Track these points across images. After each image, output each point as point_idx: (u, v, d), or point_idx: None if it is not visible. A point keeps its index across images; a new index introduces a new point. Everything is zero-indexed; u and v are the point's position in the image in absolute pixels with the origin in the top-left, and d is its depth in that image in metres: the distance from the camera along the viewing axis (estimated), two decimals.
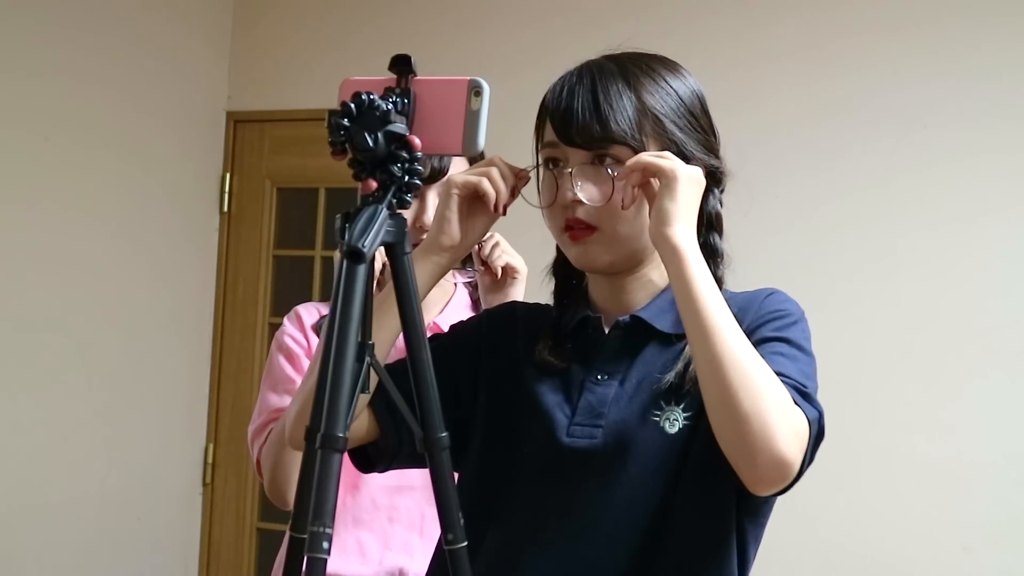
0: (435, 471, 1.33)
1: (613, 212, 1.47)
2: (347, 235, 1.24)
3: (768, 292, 1.54)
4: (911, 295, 3.42)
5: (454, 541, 1.33)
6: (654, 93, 1.49)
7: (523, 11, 3.92)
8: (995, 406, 3.33)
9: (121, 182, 3.91)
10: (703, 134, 1.53)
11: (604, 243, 1.49)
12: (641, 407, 1.48)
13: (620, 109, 1.47)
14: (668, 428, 1.46)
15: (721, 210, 1.56)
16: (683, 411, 1.47)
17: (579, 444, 1.48)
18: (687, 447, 1.45)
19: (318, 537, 1.15)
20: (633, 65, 1.52)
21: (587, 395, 1.51)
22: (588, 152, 1.48)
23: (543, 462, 1.51)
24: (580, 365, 1.54)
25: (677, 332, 1.49)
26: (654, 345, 1.52)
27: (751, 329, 1.46)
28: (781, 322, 1.49)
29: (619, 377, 1.51)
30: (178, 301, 4.16)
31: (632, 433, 1.47)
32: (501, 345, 1.60)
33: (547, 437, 1.50)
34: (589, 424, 1.49)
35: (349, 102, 1.27)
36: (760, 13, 3.63)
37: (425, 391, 1.33)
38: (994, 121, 3.38)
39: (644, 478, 1.46)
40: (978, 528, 3.32)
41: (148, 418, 4.03)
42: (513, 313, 1.68)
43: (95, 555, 3.84)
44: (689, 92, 1.53)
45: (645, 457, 1.46)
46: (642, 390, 1.49)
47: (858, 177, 3.47)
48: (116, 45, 3.87)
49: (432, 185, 2.02)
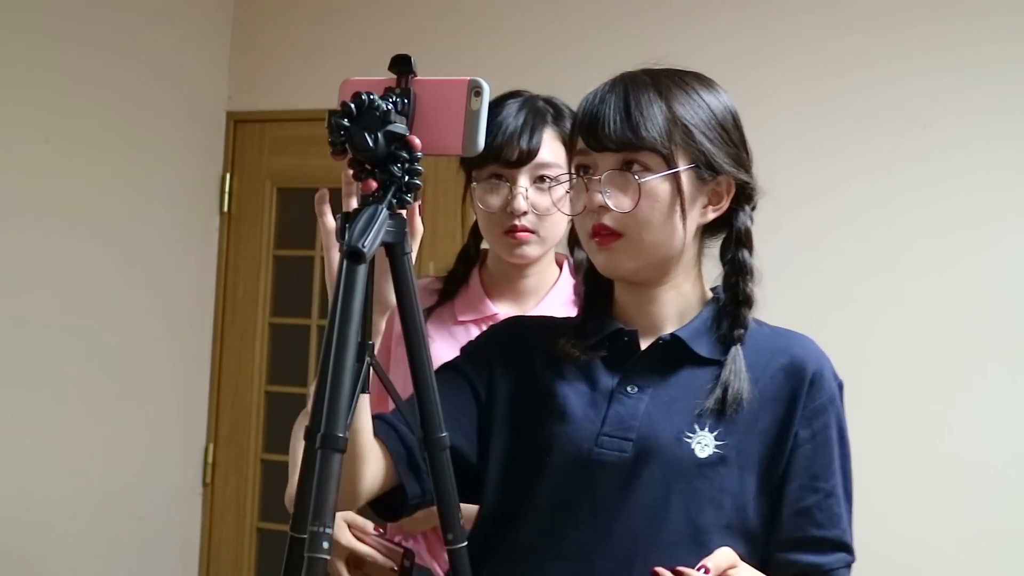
0: (435, 471, 1.33)
1: (640, 219, 1.48)
2: (347, 235, 1.25)
3: (815, 365, 1.53)
4: (911, 294, 3.42)
5: (454, 541, 1.33)
6: (685, 104, 1.51)
7: (524, 13, 3.92)
8: (995, 406, 3.33)
9: (121, 182, 3.91)
10: (734, 148, 1.54)
11: (629, 249, 1.50)
12: (674, 427, 1.49)
13: (650, 116, 1.48)
14: (699, 452, 1.47)
15: (751, 226, 1.57)
16: (716, 438, 1.48)
17: (608, 456, 1.49)
18: (714, 473, 1.47)
19: (318, 537, 1.15)
20: (666, 77, 1.53)
21: (617, 406, 1.51)
22: (617, 157, 1.49)
23: (568, 471, 1.50)
24: (610, 375, 1.54)
25: (713, 356, 1.52)
26: (690, 367, 1.53)
27: (800, 419, 1.50)
28: (833, 449, 1.52)
29: (651, 392, 1.52)
30: (178, 301, 4.16)
31: (662, 451, 1.48)
32: (514, 357, 1.60)
33: (575, 446, 1.50)
34: (619, 436, 1.49)
35: (349, 102, 1.27)
36: (760, 13, 3.63)
37: (425, 391, 1.33)
38: (994, 119, 3.38)
39: (667, 497, 1.47)
40: (978, 528, 3.32)
41: (148, 418, 4.03)
42: (520, 324, 1.70)
43: (95, 555, 3.84)
44: (722, 107, 1.54)
45: (671, 476, 1.47)
46: (675, 410, 1.50)
47: (857, 176, 3.47)
48: (116, 46, 3.86)
49: (521, 169, 2.02)
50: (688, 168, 1.49)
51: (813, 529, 1.50)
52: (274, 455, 4.19)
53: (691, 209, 1.51)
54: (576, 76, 3.66)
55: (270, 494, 4.19)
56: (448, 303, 2.14)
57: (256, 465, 4.21)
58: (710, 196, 1.53)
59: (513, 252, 2.06)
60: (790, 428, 1.50)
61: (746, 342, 1.52)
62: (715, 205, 1.54)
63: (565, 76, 3.76)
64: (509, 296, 2.12)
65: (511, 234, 2.03)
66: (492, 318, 2.09)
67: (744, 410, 1.48)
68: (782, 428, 1.50)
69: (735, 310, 1.53)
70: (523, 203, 2.01)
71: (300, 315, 4.23)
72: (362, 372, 1.26)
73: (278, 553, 1.29)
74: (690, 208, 1.50)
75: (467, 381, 1.58)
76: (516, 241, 2.04)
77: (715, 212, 1.54)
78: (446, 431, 1.37)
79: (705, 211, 1.53)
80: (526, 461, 1.54)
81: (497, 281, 2.14)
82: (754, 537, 1.50)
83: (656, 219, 1.48)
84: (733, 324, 1.52)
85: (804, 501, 1.49)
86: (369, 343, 1.28)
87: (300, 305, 4.24)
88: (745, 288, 1.53)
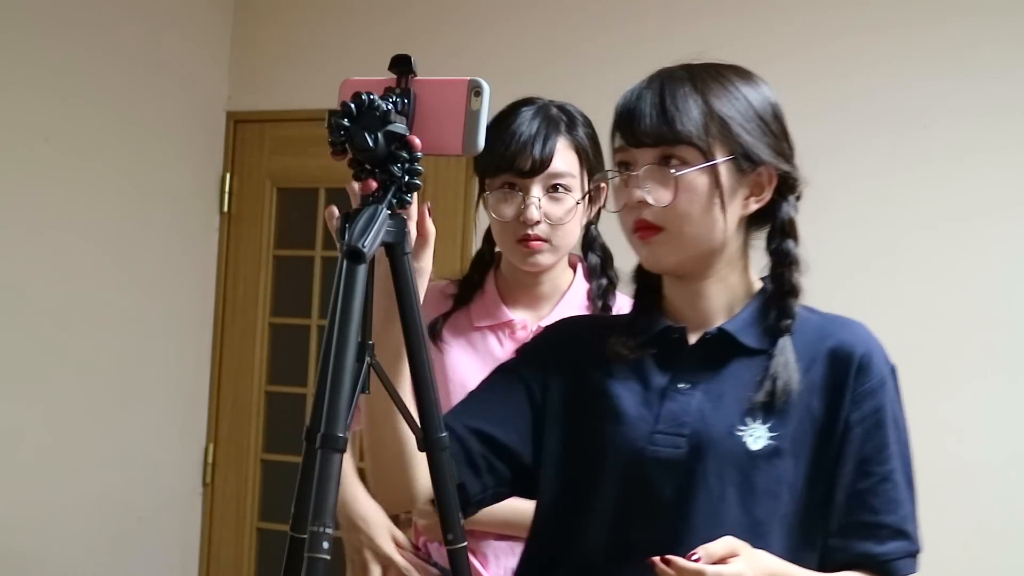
0: (435, 471, 1.33)
1: (679, 213, 1.48)
2: (347, 235, 1.24)
3: (863, 348, 1.54)
4: (911, 294, 3.42)
5: (454, 541, 1.33)
6: (722, 97, 1.51)
7: (524, 13, 3.92)
8: (995, 406, 3.33)
9: (121, 182, 3.91)
10: (775, 139, 1.54)
11: (671, 243, 1.50)
12: (726, 420, 1.49)
13: (686, 110, 1.48)
14: (751, 444, 1.48)
15: (796, 216, 1.57)
16: (769, 430, 1.48)
17: (663, 453, 1.49)
18: (768, 465, 1.47)
19: (318, 537, 1.15)
20: (703, 71, 1.53)
21: (669, 403, 1.52)
22: (654, 152, 1.49)
23: (626, 471, 1.51)
24: (662, 373, 1.54)
25: (762, 347, 1.52)
26: (740, 359, 1.53)
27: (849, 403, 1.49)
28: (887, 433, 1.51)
29: (702, 387, 1.52)
30: (178, 301, 4.16)
31: (716, 445, 1.48)
32: (567, 358, 1.61)
33: (630, 445, 1.51)
34: (673, 433, 1.50)
35: (349, 102, 1.27)
36: (760, 13, 3.63)
37: (425, 391, 1.33)
38: (994, 119, 3.38)
39: (724, 490, 1.47)
40: (978, 528, 3.32)
41: (148, 418, 4.03)
42: (575, 325, 1.71)
43: (95, 555, 3.84)
44: (761, 99, 1.55)
45: (726, 470, 1.48)
46: (727, 403, 1.50)
47: (857, 176, 3.46)
48: (116, 46, 3.86)
49: (534, 178, 2.03)
50: (726, 160, 1.49)
51: (868, 515, 1.48)
52: (274, 455, 4.19)
53: (731, 201, 1.51)
54: (576, 76, 3.70)
55: (270, 494, 4.19)
56: (464, 309, 2.15)
57: (256, 465, 4.21)
58: (751, 187, 1.53)
59: (526, 260, 2.07)
60: (840, 413, 1.50)
61: (795, 331, 1.52)
62: (757, 196, 1.54)
63: (565, 76, 3.77)
64: (524, 302, 2.14)
65: (524, 243, 2.04)
66: (508, 324, 2.11)
67: (794, 399, 1.48)
68: (832, 414, 1.50)
69: (782, 301, 1.53)
70: (535, 213, 2.02)
71: (300, 315, 4.23)
72: (362, 372, 1.26)
73: (278, 553, 1.29)
74: (730, 200, 1.50)
75: (522, 383, 1.60)
76: (529, 250, 2.05)
77: (757, 203, 1.54)
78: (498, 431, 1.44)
79: (747, 203, 1.53)
80: (583, 462, 1.55)
81: (512, 287, 2.15)
82: (813, 527, 1.49)
83: (696, 212, 1.49)
84: (781, 314, 1.52)
85: (857, 485, 1.49)
86: (369, 343, 1.28)
87: (300, 305, 4.23)
88: (791, 278, 1.54)
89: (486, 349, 2.11)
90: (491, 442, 1.56)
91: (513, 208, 2.04)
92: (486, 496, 1.56)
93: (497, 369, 1.65)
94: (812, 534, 1.49)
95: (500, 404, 1.58)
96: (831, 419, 1.50)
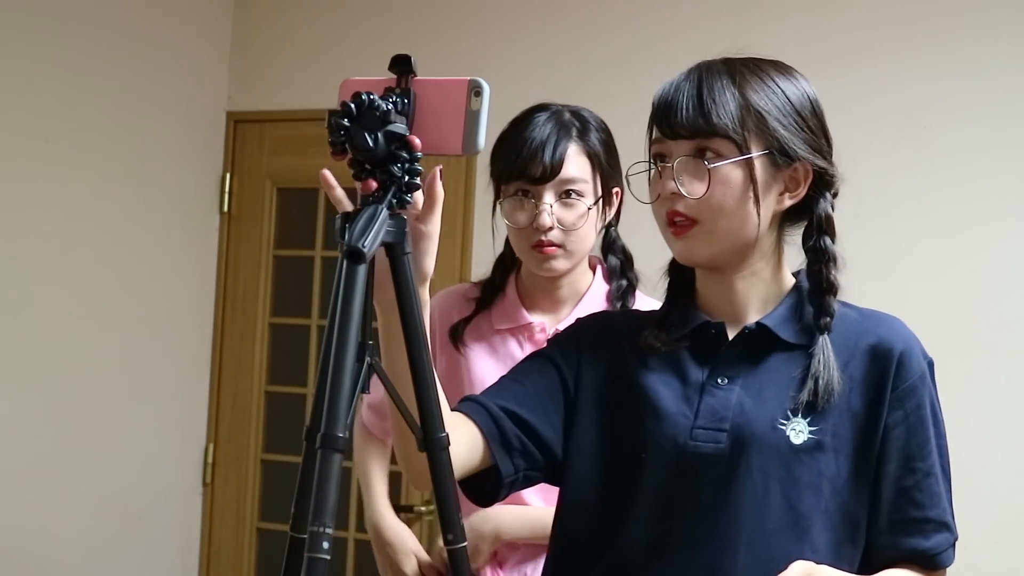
0: (435, 471, 1.33)
1: (713, 205, 1.48)
2: (347, 235, 1.24)
3: (902, 345, 1.55)
4: (911, 295, 3.42)
5: (454, 541, 1.33)
6: (759, 91, 1.51)
7: (524, 13, 3.92)
8: (995, 406, 3.33)
9: (121, 182, 3.91)
10: (812, 135, 1.54)
11: (705, 236, 1.50)
12: (768, 415, 1.49)
13: (722, 103, 1.48)
14: (793, 439, 1.48)
15: (832, 213, 1.58)
16: (809, 424, 1.49)
17: (704, 448, 1.49)
18: (810, 459, 1.48)
19: (318, 537, 1.15)
20: (742, 65, 1.53)
21: (708, 398, 1.51)
22: (690, 144, 1.49)
23: (666, 466, 1.51)
24: (699, 368, 1.54)
25: (800, 342, 1.52)
26: (778, 354, 1.53)
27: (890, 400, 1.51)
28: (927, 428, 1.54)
29: (740, 382, 1.52)
30: (178, 301, 4.16)
31: (758, 439, 1.48)
32: (602, 350, 1.61)
33: (670, 441, 1.51)
34: (713, 428, 1.50)
35: (349, 102, 1.27)
36: (760, 13, 3.63)
37: (424, 391, 1.33)
38: (994, 120, 3.38)
39: (767, 484, 1.48)
40: (978, 528, 3.31)
41: (148, 418, 4.03)
42: (610, 318, 1.72)
43: (95, 555, 3.84)
44: (799, 94, 1.54)
45: (768, 464, 1.48)
46: (767, 398, 1.50)
47: (857, 177, 3.44)
48: (116, 45, 3.86)
49: (546, 185, 2.05)
50: (761, 154, 1.49)
51: (914, 510, 1.50)
52: (274, 455, 4.19)
53: (766, 195, 1.51)
54: (575, 76, 3.69)
55: (270, 494, 4.19)
56: (486, 312, 2.17)
57: (256, 465, 4.21)
58: (787, 183, 1.53)
59: (541, 266, 2.09)
60: (881, 410, 1.51)
61: (833, 327, 1.52)
62: (792, 192, 1.54)
63: (565, 76, 3.77)
64: (544, 305, 2.16)
65: (538, 249, 2.07)
66: (527, 327, 2.14)
67: (835, 396, 1.49)
68: (873, 410, 1.51)
69: (820, 298, 1.54)
70: (548, 219, 2.04)
71: (300, 315, 4.23)
72: (362, 372, 1.26)
73: (278, 553, 1.29)
74: (765, 194, 1.50)
75: (556, 370, 1.60)
76: (543, 256, 2.07)
77: (792, 199, 1.54)
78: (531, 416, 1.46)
79: (782, 198, 1.53)
80: (622, 457, 1.54)
81: (532, 290, 2.17)
82: (855, 521, 1.51)
83: (729, 205, 1.48)
84: (819, 312, 1.53)
85: (903, 482, 1.50)
86: (369, 343, 1.28)
87: (300, 305, 4.23)
88: (828, 275, 1.54)
89: (506, 352, 2.13)
90: (526, 426, 1.56)
91: (526, 215, 2.06)
92: (518, 479, 1.56)
93: (531, 356, 1.65)
94: (854, 528, 1.50)
95: (534, 391, 1.58)
96: (872, 415, 1.51)
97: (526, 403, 1.56)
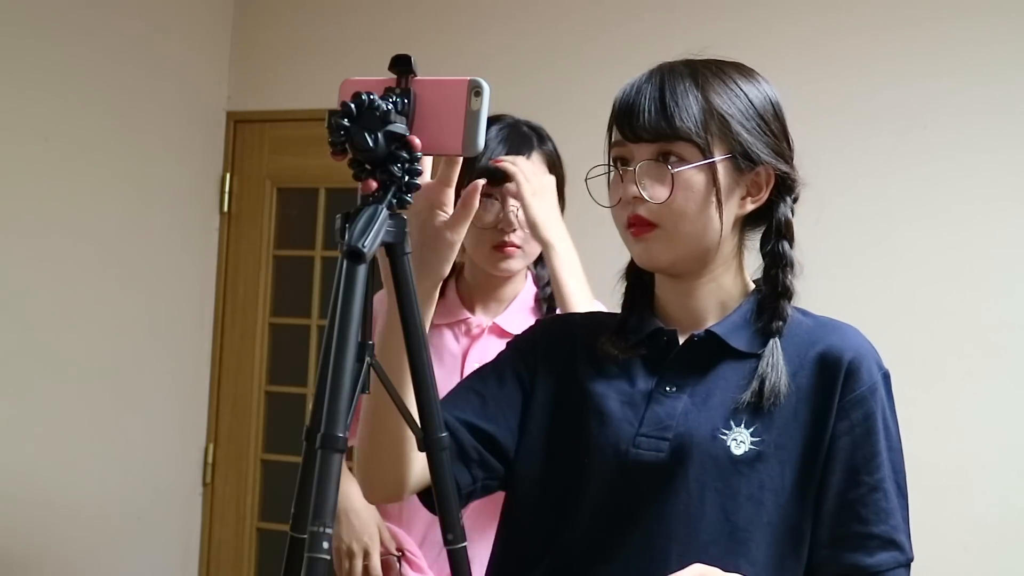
0: (435, 471, 1.33)
1: (675, 210, 1.46)
2: (347, 235, 1.24)
3: (852, 353, 1.49)
4: (911, 295, 3.42)
5: (454, 541, 1.33)
6: (722, 94, 1.49)
7: (524, 13, 3.92)
8: (995, 406, 3.33)
9: (121, 182, 3.91)
10: (774, 139, 1.52)
11: (665, 241, 1.48)
12: (710, 423, 1.47)
13: (685, 106, 1.46)
14: (734, 449, 1.45)
15: (792, 218, 1.54)
16: (752, 435, 1.46)
17: (645, 457, 1.47)
18: (751, 470, 1.45)
19: (318, 537, 1.15)
20: (704, 68, 1.51)
21: (655, 406, 1.49)
22: (652, 147, 1.47)
23: (607, 472, 1.49)
24: (649, 375, 1.52)
25: (751, 350, 1.49)
26: (728, 362, 1.50)
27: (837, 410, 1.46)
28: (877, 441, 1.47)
29: (688, 391, 1.50)
30: (178, 301, 4.16)
31: (697, 449, 1.46)
32: (559, 353, 1.59)
33: (612, 447, 1.49)
34: (656, 436, 1.47)
35: (349, 102, 1.27)
36: (760, 13, 3.63)
37: (425, 391, 1.33)
38: (994, 119, 3.38)
39: (703, 495, 1.45)
40: (978, 528, 3.31)
41: (148, 418, 4.03)
42: (569, 321, 1.71)
43: (95, 555, 3.84)
44: (762, 97, 1.52)
45: (706, 474, 1.45)
46: (712, 407, 1.48)
47: (857, 176, 3.46)
48: (116, 45, 3.86)
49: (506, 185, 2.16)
50: (724, 158, 1.48)
51: (857, 525, 1.45)
52: (274, 455, 4.19)
53: (728, 200, 1.49)
54: (575, 76, 3.70)
55: (270, 494, 4.19)
56: None
57: (256, 465, 4.21)
58: (749, 187, 1.51)
59: (499, 266, 2.22)
60: (828, 420, 1.46)
61: (786, 334, 1.49)
62: (754, 196, 1.52)
63: (565, 76, 3.78)
64: (481, 303, 2.30)
65: (500, 249, 2.20)
66: (465, 322, 2.27)
67: (783, 404, 1.46)
68: (820, 421, 1.46)
69: (774, 302, 1.51)
70: (515, 220, 2.18)
71: (300, 315, 4.23)
72: (362, 372, 1.26)
73: (278, 553, 1.29)
74: (727, 199, 1.49)
75: (515, 377, 1.58)
76: (503, 255, 2.20)
77: (754, 203, 1.52)
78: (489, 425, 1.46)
79: (744, 202, 1.51)
80: (565, 461, 1.53)
81: (473, 292, 2.30)
82: (800, 534, 1.46)
83: (692, 210, 1.46)
84: (772, 316, 1.50)
85: (847, 495, 1.45)
86: (369, 343, 1.28)
87: (300, 305, 4.24)
88: (785, 280, 1.51)
89: (441, 344, 2.24)
90: (483, 436, 1.55)
91: (492, 215, 2.18)
92: (476, 489, 1.55)
93: (493, 361, 1.63)
94: (798, 542, 1.46)
95: (492, 399, 1.56)
96: (819, 426, 1.46)
97: (483, 413, 1.55)
